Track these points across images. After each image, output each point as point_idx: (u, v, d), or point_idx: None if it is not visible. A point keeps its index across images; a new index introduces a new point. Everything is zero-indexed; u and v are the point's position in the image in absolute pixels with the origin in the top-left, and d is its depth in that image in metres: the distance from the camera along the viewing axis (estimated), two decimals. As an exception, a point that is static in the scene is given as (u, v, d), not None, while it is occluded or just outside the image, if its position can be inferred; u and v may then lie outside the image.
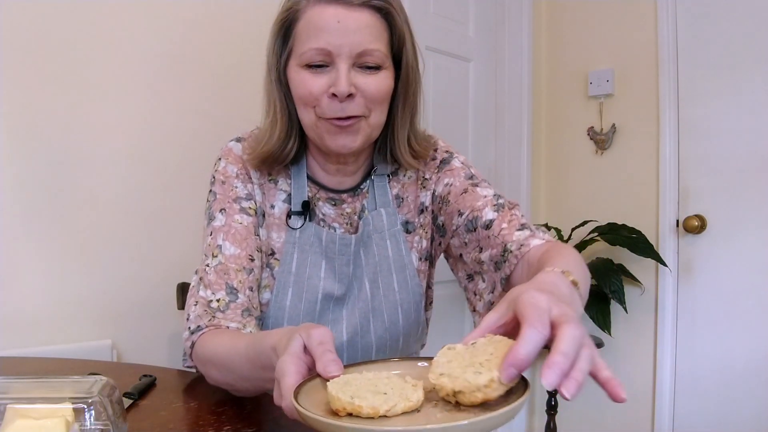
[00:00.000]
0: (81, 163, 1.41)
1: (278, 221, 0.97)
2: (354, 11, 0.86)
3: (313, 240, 0.96)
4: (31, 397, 0.62)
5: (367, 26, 0.86)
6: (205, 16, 1.61)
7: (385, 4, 0.88)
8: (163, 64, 1.54)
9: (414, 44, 0.94)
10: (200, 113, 1.59)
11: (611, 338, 2.29)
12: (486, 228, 0.92)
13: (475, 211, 0.94)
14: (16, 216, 1.32)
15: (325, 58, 0.87)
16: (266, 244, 0.97)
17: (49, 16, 1.35)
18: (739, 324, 2.17)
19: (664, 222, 2.31)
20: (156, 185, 1.52)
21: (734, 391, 2.17)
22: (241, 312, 0.89)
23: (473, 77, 2.54)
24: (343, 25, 0.85)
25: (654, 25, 2.34)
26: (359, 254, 0.98)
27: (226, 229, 0.94)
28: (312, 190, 0.99)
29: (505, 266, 0.88)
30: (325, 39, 0.86)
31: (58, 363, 1.12)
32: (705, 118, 2.25)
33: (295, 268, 0.95)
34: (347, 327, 0.96)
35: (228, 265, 0.91)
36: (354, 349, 0.98)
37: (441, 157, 1.04)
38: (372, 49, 0.87)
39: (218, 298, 0.89)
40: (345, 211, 1.00)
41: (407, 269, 0.99)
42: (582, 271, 0.76)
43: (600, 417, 2.48)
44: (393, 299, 0.98)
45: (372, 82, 0.88)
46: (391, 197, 1.01)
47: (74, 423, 0.61)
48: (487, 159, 2.62)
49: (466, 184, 0.99)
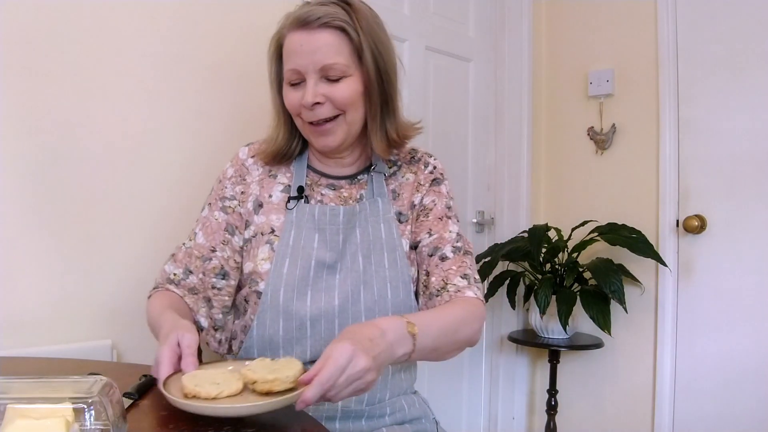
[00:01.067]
0: (81, 163, 1.41)
1: (277, 206, 1.14)
2: (314, 34, 1.04)
3: (308, 217, 1.12)
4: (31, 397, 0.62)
5: (326, 44, 1.04)
6: (206, 16, 1.61)
7: (341, 23, 1.04)
8: (164, 63, 1.54)
9: (378, 50, 1.08)
10: (202, 114, 1.59)
11: (611, 338, 2.29)
12: (441, 260, 1.11)
13: (441, 241, 1.13)
14: (16, 216, 1.32)
15: (298, 76, 1.06)
16: (266, 224, 1.13)
17: (49, 16, 1.35)
18: (739, 324, 2.17)
19: (664, 222, 2.31)
20: (157, 185, 1.52)
21: (734, 391, 2.17)
22: (188, 290, 1.12)
23: (473, 77, 2.54)
24: (305, 47, 1.04)
25: (654, 25, 2.34)
26: (354, 230, 1.11)
27: (204, 221, 1.16)
28: (313, 178, 1.18)
29: (437, 299, 1.08)
30: (294, 61, 1.06)
31: (58, 363, 1.13)
32: (705, 118, 2.24)
33: (292, 241, 1.10)
34: (339, 294, 1.07)
35: (193, 251, 1.13)
36: (345, 315, 1.06)
37: (436, 176, 1.22)
38: (332, 63, 1.04)
39: (176, 273, 1.13)
40: (343, 195, 1.16)
41: (397, 251, 1.12)
42: (441, 326, 0.98)
43: (600, 417, 2.48)
44: (383, 275, 1.09)
45: (336, 91, 1.06)
46: (388, 191, 1.18)
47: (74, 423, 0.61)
48: (487, 159, 2.62)
49: (443, 213, 1.18)
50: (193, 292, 1.12)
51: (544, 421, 2.40)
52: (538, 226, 2.36)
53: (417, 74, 2.26)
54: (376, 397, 1.09)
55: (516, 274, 2.39)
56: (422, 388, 1.18)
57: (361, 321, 1.05)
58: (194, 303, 1.11)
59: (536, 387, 2.68)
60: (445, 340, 0.99)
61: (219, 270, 1.12)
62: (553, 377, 2.38)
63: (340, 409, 1.06)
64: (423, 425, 1.13)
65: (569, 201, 2.61)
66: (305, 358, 1.05)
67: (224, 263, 1.12)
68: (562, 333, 2.27)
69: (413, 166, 1.22)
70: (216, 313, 1.13)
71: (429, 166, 1.22)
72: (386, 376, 1.10)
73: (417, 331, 0.91)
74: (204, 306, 1.12)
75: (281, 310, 1.05)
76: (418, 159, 1.23)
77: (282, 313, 1.05)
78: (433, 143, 2.34)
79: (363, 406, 1.07)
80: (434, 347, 0.96)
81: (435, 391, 2.29)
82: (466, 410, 2.55)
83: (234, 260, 1.13)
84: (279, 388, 0.76)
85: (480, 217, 2.59)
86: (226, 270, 1.12)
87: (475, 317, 1.05)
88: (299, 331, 1.06)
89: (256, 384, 0.77)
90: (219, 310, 1.13)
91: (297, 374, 0.79)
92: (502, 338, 2.58)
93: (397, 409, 1.11)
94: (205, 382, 0.76)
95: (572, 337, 2.35)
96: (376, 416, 1.08)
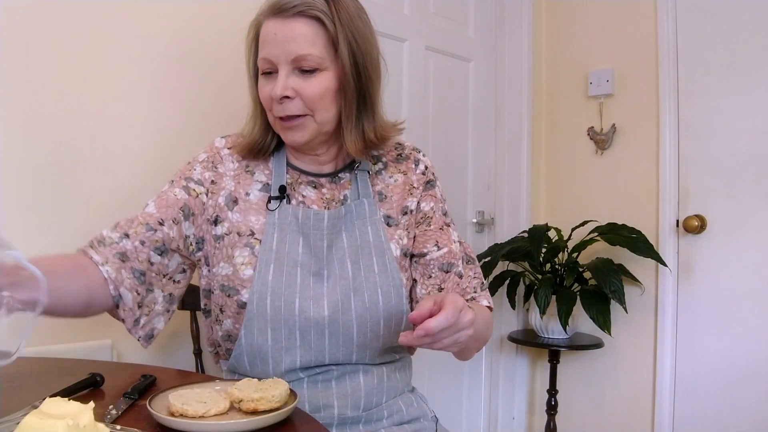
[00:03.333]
0: (81, 162, 1.41)
1: (256, 206, 1.08)
2: (288, 22, 0.99)
3: (290, 219, 1.06)
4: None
5: (300, 35, 0.99)
6: (206, 16, 1.61)
7: (318, 13, 0.99)
8: (164, 63, 1.54)
9: (357, 43, 1.03)
10: (202, 113, 1.59)
11: (611, 338, 2.29)
12: (459, 277, 1.12)
13: (451, 256, 1.12)
14: (16, 216, 1.32)
15: (271, 66, 1.01)
16: (244, 225, 1.06)
17: (49, 16, 1.35)
18: (738, 324, 2.17)
19: (664, 222, 2.31)
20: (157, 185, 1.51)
21: (734, 392, 2.17)
22: (115, 254, 0.98)
23: (473, 77, 2.54)
24: (279, 36, 0.99)
25: (654, 25, 2.34)
26: (340, 234, 1.07)
27: (161, 195, 1.07)
28: (293, 176, 1.11)
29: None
30: (267, 50, 1.01)
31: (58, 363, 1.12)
32: (705, 118, 2.24)
33: (276, 245, 1.04)
34: (328, 303, 1.02)
35: (138, 218, 1.03)
36: (336, 325, 1.02)
37: (429, 177, 1.17)
38: (305, 54, 0.99)
39: (110, 236, 1.00)
40: (324, 196, 1.11)
41: (386, 254, 1.08)
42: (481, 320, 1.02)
43: (600, 417, 2.48)
44: (373, 281, 1.05)
45: (308, 86, 1.00)
46: (374, 192, 1.12)
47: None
48: (487, 159, 2.63)
49: (442, 221, 1.15)
50: (120, 258, 0.98)
51: (544, 421, 2.40)
52: (538, 226, 2.36)
53: (417, 74, 2.26)
54: (373, 402, 1.06)
55: (516, 274, 2.39)
56: (422, 388, 1.18)
57: (352, 329, 1.02)
58: (116, 271, 0.97)
59: (536, 387, 2.68)
60: (481, 334, 1.05)
61: (159, 244, 1.02)
62: (553, 377, 2.38)
63: (336, 416, 1.03)
64: (422, 424, 1.12)
65: (569, 201, 2.61)
66: (295, 365, 1.02)
67: (168, 241, 1.03)
68: (562, 333, 2.27)
69: (401, 164, 1.16)
70: (143, 289, 1.01)
71: (420, 164, 1.16)
72: (381, 380, 1.08)
73: (473, 315, 0.88)
74: (130, 277, 0.99)
75: (269, 319, 1.01)
76: (407, 156, 1.17)
77: (270, 322, 1.01)
78: (433, 143, 2.34)
79: (360, 412, 1.04)
80: (477, 337, 0.98)
81: (435, 391, 2.29)
82: (466, 410, 2.55)
83: (177, 244, 1.04)
84: (264, 407, 0.78)
85: (480, 217, 2.59)
86: (166, 248, 1.03)
87: (492, 323, 1.13)
88: (288, 340, 1.02)
89: (242, 403, 0.79)
90: (145, 287, 1.02)
91: (283, 393, 0.80)
92: (502, 338, 2.58)
93: (395, 411, 1.09)
94: (192, 400, 0.78)
95: (572, 337, 2.35)
96: (374, 420, 1.06)
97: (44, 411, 0.60)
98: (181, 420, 0.74)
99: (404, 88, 2.21)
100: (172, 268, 1.06)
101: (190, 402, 0.78)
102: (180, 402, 0.77)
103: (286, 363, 1.02)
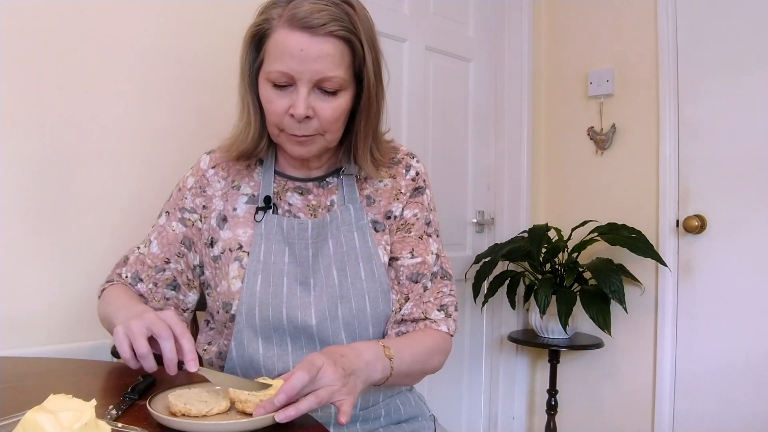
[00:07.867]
0: (81, 162, 1.41)
1: (243, 219, 1.08)
2: (317, 40, 0.94)
3: (276, 229, 1.06)
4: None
5: (328, 55, 0.95)
6: (205, 16, 1.61)
7: (347, 33, 0.96)
8: (163, 63, 1.54)
9: (378, 62, 1.02)
10: (200, 113, 1.60)
11: (611, 338, 2.29)
12: (424, 289, 1.08)
13: (423, 266, 1.09)
14: (16, 216, 1.32)
15: (288, 80, 0.96)
16: (233, 240, 1.07)
17: (48, 15, 1.35)
18: (739, 324, 2.17)
19: (664, 222, 2.31)
20: (156, 185, 1.52)
21: (734, 391, 2.17)
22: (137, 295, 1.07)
23: (473, 77, 2.54)
24: (305, 53, 0.94)
25: (654, 25, 2.34)
26: (326, 242, 1.06)
27: (161, 230, 1.10)
28: (280, 183, 1.11)
29: (412, 324, 1.06)
30: (287, 64, 0.95)
31: (58, 363, 1.12)
32: (705, 118, 2.24)
33: (263, 257, 1.04)
34: (315, 312, 1.02)
35: (146, 260, 1.09)
36: (325, 333, 1.03)
37: (419, 183, 1.14)
38: (331, 77, 0.96)
39: (126, 276, 1.09)
40: (311, 203, 1.10)
41: (373, 260, 1.06)
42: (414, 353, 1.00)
43: (600, 417, 2.48)
44: (360, 287, 1.04)
45: (328, 108, 0.98)
46: (361, 196, 1.11)
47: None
48: (487, 159, 2.62)
49: (423, 231, 1.12)
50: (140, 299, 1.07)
51: (544, 421, 2.40)
52: (538, 226, 2.36)
53: (417, 74, 2.26)
54: (370, 401, 1.07)
55: (516, 274, 2.39)
56: (422, 387, 1.17)
57: (340, 336, 1.03)
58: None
59: (536, 387, 2.68)
60: (417, 368, 1.02)
61: (171, 281, 1.09)
62: (553, 377, 2.38)
63: (333, 415, 1.02)
64: (420, 423, 1.12)
65: (569, 201, 2.61)
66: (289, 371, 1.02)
67: (177, 276, 1.09)
68: (562, 333, 2.27)
69: (391, 168, 1.13)
70: None
71: (411, 170, 1.13)
72: None
73: (393, 354, 0.93)
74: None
75: (258, 329, 1.02)
76: (398, 161, 1.14)
77: (260, 332, 1.02)
78: (433, 143, 2.34)
79: (357, 411, 1.04)
80: (407, 373, 0.99)
81: (435, 391, 2.29)
82: (466, 410, 2.55)
83: (187, 276, 1.10)
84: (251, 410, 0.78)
85: (480, 217, 2.59)
86: (178, 282, 1.09)
87: (442, 350, 1.07)
88: (280, 347, 1.03)
89: (244, 402, 0.79)
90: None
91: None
92: (502, 338, 2.58)
93: (392, 409, 1.09)
94: (193, 400, 0.79)
95: (572, 337, 2.35)
96: (371, 419, 1.07)
97: (46, 407, 0.60)
98: (182, 420, 0.75)
99: (404, 88, 2.21)
100: (190, 303, 1.12)
101: (192, 401, 0.78)
102: (182, 402, 0.78)
103: (279, 369, 1.02)
